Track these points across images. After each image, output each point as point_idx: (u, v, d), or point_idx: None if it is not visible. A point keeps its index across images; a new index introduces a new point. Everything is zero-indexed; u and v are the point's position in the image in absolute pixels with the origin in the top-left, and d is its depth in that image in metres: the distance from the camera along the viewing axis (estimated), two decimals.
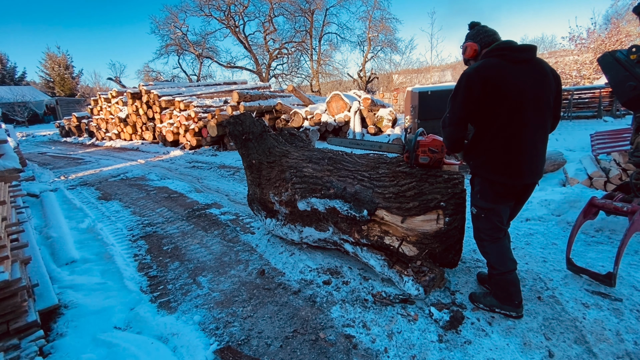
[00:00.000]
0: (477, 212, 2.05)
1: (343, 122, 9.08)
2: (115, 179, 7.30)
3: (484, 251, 2.12)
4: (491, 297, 2.14)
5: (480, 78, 1.79)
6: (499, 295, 2.09)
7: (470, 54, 2.01)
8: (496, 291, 2.12)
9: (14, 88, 31.49)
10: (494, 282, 2.11)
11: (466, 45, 2.01)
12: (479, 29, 2.01)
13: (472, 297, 2.24)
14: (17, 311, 2.09)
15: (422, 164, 2.40)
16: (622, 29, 14.02)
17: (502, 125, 1.82)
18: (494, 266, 2.06)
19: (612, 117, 9.98)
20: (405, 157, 2.49)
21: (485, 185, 1.96)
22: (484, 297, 2.18)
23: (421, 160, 2.39)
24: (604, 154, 4.46)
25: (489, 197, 1.96)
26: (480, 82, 1.79)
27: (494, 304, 2.11)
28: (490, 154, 1.89)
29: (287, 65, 28.83)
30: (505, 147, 1.84)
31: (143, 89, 12.13)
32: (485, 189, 1.96)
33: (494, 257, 2.05)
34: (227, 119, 3.73)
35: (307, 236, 3.00)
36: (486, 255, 2.10)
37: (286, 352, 1.98)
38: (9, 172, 4.70)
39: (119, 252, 3.48)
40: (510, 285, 2.04)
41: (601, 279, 2.30)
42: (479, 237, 2.11)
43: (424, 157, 2.37)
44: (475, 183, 2.04)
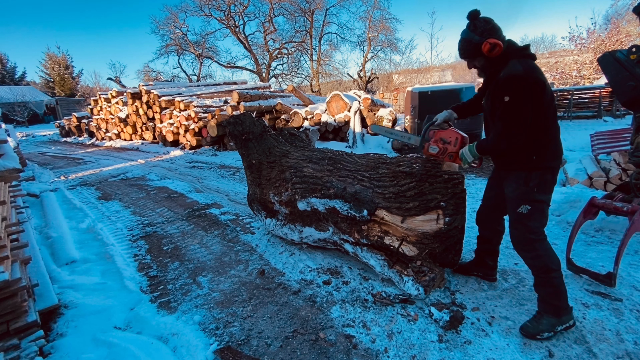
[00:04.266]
0: (532, 208, 1.89)
1: (343, 122, 9.08)
2: (115, 179, 7.30)
3: (535, 255, 1.91)
4: (546, 318, 1.90)
5: (537, 82, 1.74)
6: (553, 306, 1.90)
7: (497, 52, 1.84)
8: (551, 301, 1.90)
9: (14, 88, 31.49)
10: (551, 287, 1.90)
11: (492, 43, 1.81)
12: (494, 24, 1.88)
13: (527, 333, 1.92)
14: (17, 311, 2.09)
15: (431, 153, 2.31)
16: (622, 29, 14.03)
17: (548, 118, 1.84)
18: (550, 267, 1.88)
19: (612, 117, 9.98)
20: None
21: (546, 175, 1.88)
22: (539, 324, 1.90)
23: (430, 149, 2.30)
24: (604, 154, 4.46)
25: (547, 187, 1.90)
26: (539, 86, 1.74)
27: (554, 323, 1.89)
28: (546, 145, 1.86)
29: (287, 65, 28.85)
30: (553, 135, 1.88)
31: (143, 89, 12.13)
32: (544, 179, 1.88)
33: (547, 256, 1.90)
34: (227, 119, 3.73)
35: (307, 236, 3.00)
36: (538, 259, 1.90)
37: (286, 352, 1.98)
38: (9, 172, 4.70)
39: (119, 252, 3.48)
40: (563, 285, 1.91)
41: (601, 279, 2.31)
42: (530, 239, 1.92)
43: (433, 147, 2.28)
44: (531, 178, 1.88)
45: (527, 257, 1.97)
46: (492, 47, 1.82)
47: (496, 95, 1.84)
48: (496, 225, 2.36)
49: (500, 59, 1.87)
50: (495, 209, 2.30)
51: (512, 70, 1.78)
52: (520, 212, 1.92)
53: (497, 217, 2.33)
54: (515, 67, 1.78)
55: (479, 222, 2.43)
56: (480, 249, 2.47)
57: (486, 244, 2.42)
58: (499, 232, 2.37)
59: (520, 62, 1.79)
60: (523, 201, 1.91)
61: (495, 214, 2.32)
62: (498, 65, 1.90)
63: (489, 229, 2.38)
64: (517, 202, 1.93)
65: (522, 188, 1.90)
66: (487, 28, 1.85)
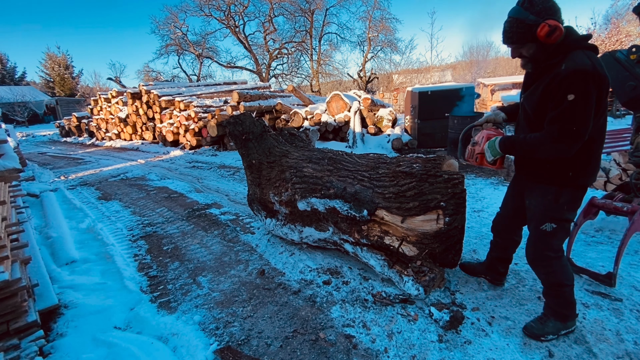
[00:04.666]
0: (557, 226, 1.72)
1: (343, 122, 9.08)
2: (115, 179, 7.30)
3: (550, 272, 1.81)
4: (553, 322, 1.87)
5: (605, 82, 1.48)
6: (560, 313, 1.86)
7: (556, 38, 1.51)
8: (559, 309, 1.86)
9: (14, 88, 31.47)
10: (561, 299, 1.85)
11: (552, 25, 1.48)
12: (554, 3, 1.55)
13: (531, 333, 1.90)
14: (17, 311, 2.09)
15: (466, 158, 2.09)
16: (622, 29, 14.03)
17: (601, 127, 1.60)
18: (563, 283, 1.81)
19: (612, 117, 9.98)
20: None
21: (578, 193, 1.69)
22: (545, 326, 1.88)
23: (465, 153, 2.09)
24: (604, 154, 4.46)
25: (577, 204, 1.72)
26: (604, 82, 1.48)
27: (560, 327, 1.87)
28: (587, 160, 1.64)
29: (287, 65, 28.83)
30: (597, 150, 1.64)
31: (143, 89, 12.13)
32: (576, 197, 1.70)
33: (562, 273, 1.80)
34: (227, 119, 3.73)
35: (307, 236, 3.00)
36: (552, 275, 1.81)
37: (286, 352, 1.98)
38: (9, 172, 4.70)
39: (119, 252, 3.48)
40: (573, 296, 1.87)
41: (601, 279, 2.31)
42: (547, 256, 1.79)
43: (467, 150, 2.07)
44: (562, 195, 1.68)
45: (541, 273, 1.86)
46: (552, 30, 1.48)
47: (553, 93, 1.54)
48: (513, 235, 2.21)
49: (557, 48, 1.56)
50: (515, 218, 2.13)
51: (578, 63, 1.46)
52: (544, 229, 1.73)
53: (516, 227, 2.18)
54: (581, 60, 1.47)
55: (496, 230, 2.27)
56: (493, 256, 2.35)
57: (500, 252, 2.30)
58: (516, 242, 2.25)
59: (586, 55, 1.50)
60: (549, 218, 1.71)
61: (515, 223, 2.16)
62: (554, 55, 1.57)
63: (505, 239, 2.24)
64: (541, 219, 1.74)
65: (550, 205, 1.70)
66: (546, 7, 1.52)
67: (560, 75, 1.49)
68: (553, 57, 1.58)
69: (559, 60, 1.55)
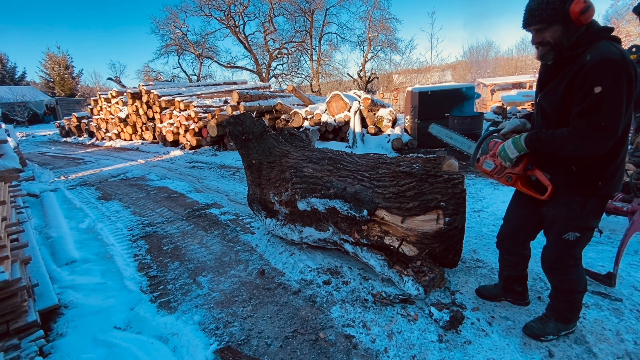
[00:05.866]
0: (581, 235, 1.63)
1: (343, 122, 9.09)
2: (115, 179, 7.30)
3: (566, 279, 1.73)
4: (554, 323, 1.85)
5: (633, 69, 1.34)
6: (565, 316, 1.83)
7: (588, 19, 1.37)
8: (565, 313, 1.83)
9: (14, 88, 31.48)
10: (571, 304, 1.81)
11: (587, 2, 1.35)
12: None
13: (531, 333, 1.89)
14: (17, 311, 2.09)
15: (485, 170, 1.85)
16: (622, 29, 14.03)
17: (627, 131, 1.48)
18: (576, 290, 1.75)
19: None
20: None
21: (603, 202, 1.60)
22: (546, 326, 1.86)
23: (485, 165, 1.84)
24: None
25: (602, 211, 1.63)
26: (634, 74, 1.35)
27: (561, 328, 1.85)
28: (617, 168, 1.53)
29: (287, 65, 28.84)
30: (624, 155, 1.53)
31: (143, 89, 12.13)
32: (602, 205, 1.60)
33: (577, 280, 1.74)
34: (227, 119, 3.73)
35: (307, 236, 3.00)
36: (567, 282, 1.74)
37: (286, 352, 1.98)
38: (9, 172, 4.71)
39: (119, 252, 3.48)
40: (581, 302, 1.84)
41: (601, 279, 2.31)
42: (567, 264, 1.70)
43: (489, 162, 1.82)
44: (589, 203, 1.57)
45: (556, 280, 1.77)
46: (587, 7, 1.33)
47: (579, 85, 1.39)
48: (522, 250, 1.99)
49: (581, 37, 1.43)
50: (523, 231, 1.93)
51: (605, 52, 1.34)
52: (567, 238, 1.63)
53: (525, 241, 1.96)
54: (610, 49, 1.34)
55: (502, 247, 2.04)
56: (505, 275, 2.12)
57: (512, 270, 2.07)
58: (526, 257, 2.03)
59: (615, 45, 1.38)
60: (573, 227, 1.61)
61: (524, 237, 1.95)
62: (577, 44, 1.44)
63: (514, 254, 2.00)
64: (565, 228, 1.63)
65: (574, 213, 1.60)
66: None
67: (586, 66, 1.36)
68: (577, 46, 1.44)
69: (582, 50, 1.41)
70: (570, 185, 1.58)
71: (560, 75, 1.50)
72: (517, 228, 1.95)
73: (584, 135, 1.40)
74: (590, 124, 1.38)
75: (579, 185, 1.57)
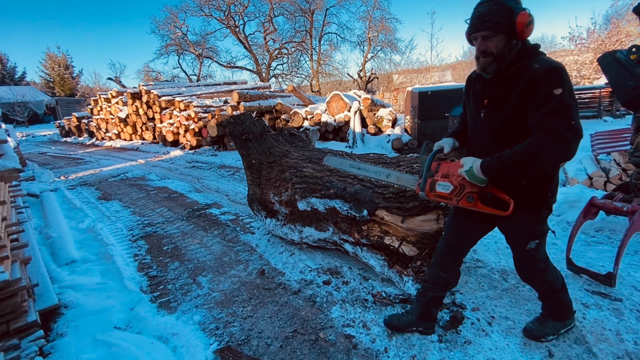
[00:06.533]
0: (540, 241, 1.68)
1: (343, 122, 9.09)
2: (115, 179, 7.30)
3: (544, 282, 1.79)
4: (552, 322, 1.88)
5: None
6: (559, 314, 1.87)
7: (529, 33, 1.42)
8: (557, 312, 1.87)
9: (14, 88, 31.48)
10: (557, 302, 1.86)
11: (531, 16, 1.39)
12: None
13: (531, 335, 1.89)
14: (17, 311, 2.09)
15: (440, 193, 1.60)
16: (622, 29, 14.03)
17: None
18: (555, 289, 1.81)
19: (612, 117, 9.99)
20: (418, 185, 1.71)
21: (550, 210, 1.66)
22: (544, 327, 1.88)
23: (438, 188, 1.60)
24: (604, 154, 4.46)
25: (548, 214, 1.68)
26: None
27: (560, 327, 1.88)
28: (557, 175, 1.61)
29: (287, 65, 28.85)
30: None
31: (143, 89, 12.13)
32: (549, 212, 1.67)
33: (554, 279, 1.79)
34: (227, 119, 3.73)
35: (307, 236, 3.00)
36: (546, 284, 1.80)
37: (286, 352, 1.98)
38: (9, 172, 4.71)
39: (119, 252, 3.48)
40: (568, 296, 1.88)
41: (601, 279, 2.31)
42: (539, 269, 1.74)
43: (444, 184, 1.59)
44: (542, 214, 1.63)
45: (536, 286, 1.84)
46: (531, 20, 1.38)
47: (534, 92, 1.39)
48: (459, 265, 1.93)
49: (522, 51, 1.46)
50: (462, 249, 1.87)
51: (552, 62, 1.40)
52: (530, 248, 1.68)
53: (461, 257, 1.91)
54: (552, 60, 1.41)
55: (444, 262, 1.88)
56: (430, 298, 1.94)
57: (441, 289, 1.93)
58: (459, 274, 1.95)
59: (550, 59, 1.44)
60: (533, 238, 1.66)
61: (461, 254, 1.89)
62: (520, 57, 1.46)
63: (452, 271, 1.90)
64: (526, 240, 1.67)
65: (533, 225, 1.65)
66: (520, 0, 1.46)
67: (538, 73, 1.37)
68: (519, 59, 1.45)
69: (525, 63, 1.44)
70: (524, 201, 1.56)
71: (507, 88, 1.48)
72: (460, 242, 1.84)
73: (557, 135, 1.35)
74: (560, 123, 1.35)
75: (532, 199, 1.57)
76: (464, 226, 1.81)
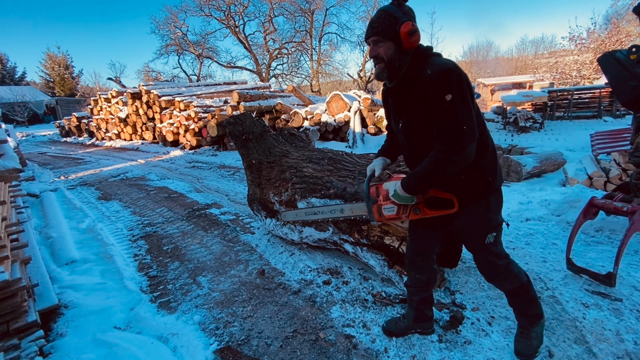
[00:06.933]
0: (496, 234, 1.66)
1: (343, 122, 9.09)
2: (115, 179, 7.30)
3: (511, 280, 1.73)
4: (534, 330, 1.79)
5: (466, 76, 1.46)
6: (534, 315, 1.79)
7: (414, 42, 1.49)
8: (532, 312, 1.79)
9: (14, 88, 31.48)
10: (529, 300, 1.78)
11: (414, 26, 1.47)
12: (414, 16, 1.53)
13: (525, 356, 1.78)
14: (17, 311, 2.09)
15: (388, 217, 1.66)
16: (622, 29, 14.03)
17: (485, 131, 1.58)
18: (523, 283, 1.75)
19: (612, 117, 9.99)
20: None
21: (499, 197, 1.66)
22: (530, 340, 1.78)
23: (385, 211, 1.65)
24: (604, 154, 4.46)
25: (502, 206, 1.69)
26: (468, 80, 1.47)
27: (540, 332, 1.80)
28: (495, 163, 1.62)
29: (287, 65, 28.87)
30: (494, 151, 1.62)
31: (143, 89, 12.13)
32: (499, 200, 1.67)
33: (518, 272, 1.74)
34: (227, 119, 3.73)
35: (307, 236, 3.00)
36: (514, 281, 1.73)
37: (286, 352, 1.98)
38: (9, 172, 4.71)
39: (119, 252, 3.48)
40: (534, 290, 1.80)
41: (601, 279, 2.30)
42: (501, 265, 1.69)
43: (389, 207, 1.64)
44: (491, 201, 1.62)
45: (505, 283, 1.76)
46: (414, 30, 1.46)
47: (429, 99, 1.44)
48: (432, 263, 1.93)
49: (414, 56, 1.52)
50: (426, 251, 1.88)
51: (441, 64, 1.44)
52: (488, 242, 1.65)
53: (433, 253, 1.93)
54: (443, 61, 1.47)
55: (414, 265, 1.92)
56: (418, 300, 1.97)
57: (424, 290, 1.96)
58: (435, 272, 1.96)
59: (444, 59, 1.50)
60: (489, 230, 1.64)
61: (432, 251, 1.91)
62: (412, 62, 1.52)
63: (426, 271, 1.91)
64: (483, 233, 1.64)
65: (486, 215, 1.63)
66: (411, 14, 1.52)
67: (431, 79, 1.42)
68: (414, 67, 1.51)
69: (421, 69, 1.49)
70: (469, 193, 1.60)
71: (412, 98, 1.53)
72: (423, 244, 1.88)
73: (454, 144, 1.40)
74: (453, 130, 1.40)
75: (476, 189, 1.60)
76: (421, 232, 1.85)
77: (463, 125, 1.40)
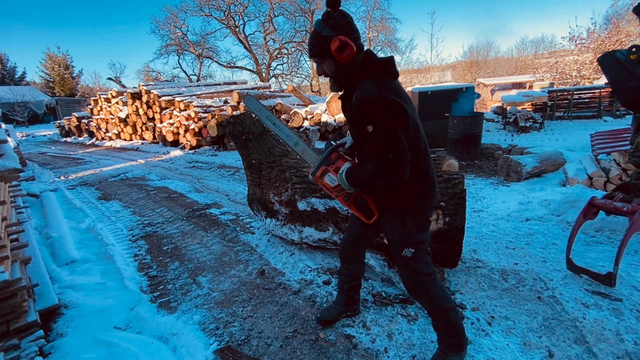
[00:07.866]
0: (415, 251, 1.65)
1: (343, 122, 9.09)
2: (115, 179, 7.30)
3: (429, 298, 1.71)
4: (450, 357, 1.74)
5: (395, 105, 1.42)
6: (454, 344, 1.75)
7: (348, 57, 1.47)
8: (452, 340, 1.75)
9: (14, 88, 31.47)
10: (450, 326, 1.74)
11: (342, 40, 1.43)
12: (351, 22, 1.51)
13: None
14: (17, 311, 2.09)
15: (326, 184, 1.73)
16: (622, 29, 14.02)
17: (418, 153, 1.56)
18: (444, 307, 1.71)
19: (612, 117, 9.99)
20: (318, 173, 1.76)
21: (421, 217, 1.65)
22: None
23: (326, 179, 1.72)
24: (604, 154, 4.46)
25: (425, 227, 1.68)
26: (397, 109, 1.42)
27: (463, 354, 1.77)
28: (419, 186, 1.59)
29: (287, 65, 28.87)
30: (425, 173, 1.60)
31: (143, 89, 12.13)
32: (420, 222, 1.65)
33: (440, 296, 1.71)
34: (227, 119, 3.73)
35: (307, 236, 3.00)
36: (432, 301, 1.71)
37: (286, 352, 1.98)
38: (9, 172, 4.71)
39: (119, 252, 3.48)
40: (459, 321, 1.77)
41: (601, 279, 2.31)
42: (421, 282, 1.69)
43: (332, 177, 1.70)
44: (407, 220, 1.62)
45: (423, 301, 1.74)
46: (342, 46, 1.43)
47: (357, 125, 1.49)
48: (360, 256, 2.05)
49: (353, 72, 1.53)
50: (360, 237, 1.97)
51: (365, 92, 1.43)
52: (405, 255, 1.66)
53: (363, 249, 2.05)
54: (368, 89, 1.43)
55: (344, 255, 2.04)
56: (348, 288, 2.12)
57: (353, 280, 2.10)
58: (363, 264, 2.09)
59: (374, 82, 1.44)
60: (405, 244, 1.66)
61: (361, 246, 2.02)
62: (351, 79, 1.54)
63: (354, 262, 2.04)
64: (400, 245, 1.67)
65: (400, 230, 1.65)
66: (341, 23, 1.48)
67: (354, 107, 1.46)
68: (349, 80, 1.54)
69: (352, 90, 1.52)
70: (386, 206, 1.66)
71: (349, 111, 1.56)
72: (355, 235, 1.97)
73: (381, 168, 1.45)
74: (379, 156, 1.44)
75: (392, 205, 1.64)
76: (357, 225, 1.93)
77: (389, 154, 1.42)
